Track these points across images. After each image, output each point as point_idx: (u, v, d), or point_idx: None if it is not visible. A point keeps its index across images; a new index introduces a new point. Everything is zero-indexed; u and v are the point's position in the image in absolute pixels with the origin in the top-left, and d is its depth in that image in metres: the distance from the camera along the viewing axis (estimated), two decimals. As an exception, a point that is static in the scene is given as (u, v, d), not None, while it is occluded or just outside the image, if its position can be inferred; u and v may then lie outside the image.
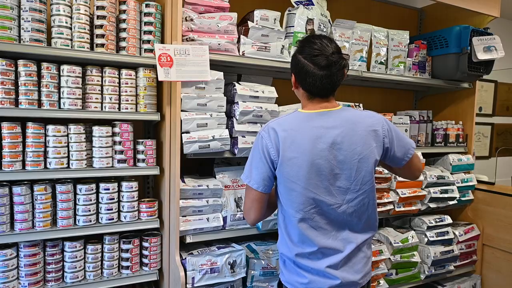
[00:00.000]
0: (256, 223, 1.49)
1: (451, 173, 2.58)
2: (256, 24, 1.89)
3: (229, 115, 1.90)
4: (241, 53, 1.87)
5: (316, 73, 1.32)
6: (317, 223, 1.34)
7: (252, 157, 1.40)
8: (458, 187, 2.57)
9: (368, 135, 1.34)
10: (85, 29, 1.68)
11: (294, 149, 1.31)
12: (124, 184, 1.80)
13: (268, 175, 1.37)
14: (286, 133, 1.32)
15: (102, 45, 1.71)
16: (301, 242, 1.35)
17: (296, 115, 1.39)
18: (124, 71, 1.77)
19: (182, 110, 1.73)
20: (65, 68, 1.65)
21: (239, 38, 1.88)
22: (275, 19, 1.96)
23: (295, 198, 1.33)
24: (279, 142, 1.32)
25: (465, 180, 2.63)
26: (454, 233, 2.54)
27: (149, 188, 2.12)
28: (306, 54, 1.34)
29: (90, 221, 1.73)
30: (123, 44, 1.76)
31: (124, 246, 1.83)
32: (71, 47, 1.67)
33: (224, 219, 1.86)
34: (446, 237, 2.48)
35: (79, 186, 1.72)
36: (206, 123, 1.78)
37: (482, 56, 2.43)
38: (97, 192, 1.77)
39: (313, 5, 2.02)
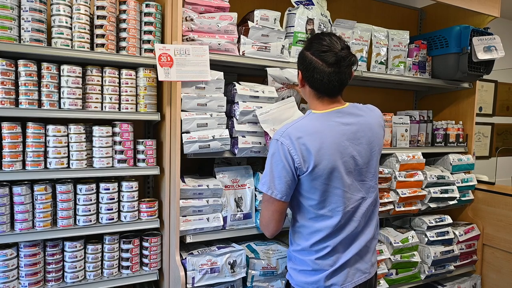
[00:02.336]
0: (275, 235, 1.46)
1: (451, 173, 2.58)
2: (256, 24, 1.89)
3: (229, 115, 1.90)
4: (241, 53, 1.87)
5: (324, 69, 1.30)
6: (347, 220, 1.36)
7: (272, 165, 1.33)
8: (458, 187, 2.57)
9: (378, 127, 1.42)
10: (85, 29, 1.68)
11: (324, 152, 1.28)
12: (124, 184, 1.80)
13: (293, 183, 1.33)
14: (311, 136, 1.29)
15: (102, 45, 1.71)
16: (324, 241, 1.36)
17: (313, 116, 1.36)
18: (124, 71, 1.77)
19: (182, 110, 1.73)
20: (65, 68, 1.65)
21: (239, 38, 1.88)
22: (275, 19, 1.96)
23: (329, 200, 1.33)
24: (306, 148, 1.28)
25: (465, 180, 2.63)
26: (454, 233, 2.54)
27: (149, 188, 2.12)
28: (314, 50, 1.32)
29: (90, 221, 1.73)
30: (123, 44, 1.77)
31: (124, 246, 1.83)
32: (71, 47, 1.67)
33: (224, 219, 1.86)
34: (446, 237, 2.48)
35: (79, 186, 1.72)
36: (206, 123, 1.78)
37: (482, 56, 2.43)
38: (97, 192, 1.77)
39: (313, 5, 2.02)
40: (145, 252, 1.86)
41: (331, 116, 1.35)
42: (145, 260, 1.87)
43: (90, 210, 1.73)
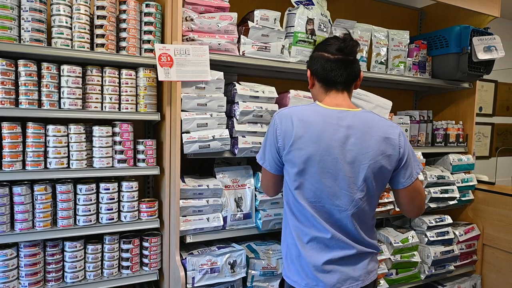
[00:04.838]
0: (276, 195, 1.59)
1: (451, 173, 2.58)
2: (256, 24, 1.89)
3: (229, 115, 1.90)
4: (241, 53, 1.87)
5: (329, 57, 1.35)
6: (317, 219, 1.30)
7: (266, 139, 1.41)
8: (458, 187, 2.57)
9: (383, 142, 1.28)
10: (85, 29, 1.68)
11: (304, 141, 1.27)
12: (124, 184, 1.80)
13: (279, 159, 1.38)
14: (300, 123, 1.29)
15: (102, 45, 1.71)
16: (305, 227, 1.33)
17: (314, 107, 1.35)
18: (124, 71, 1.77)
19: (182, 110, 1.73)
20: (65, 68, 1.65)
21: (239, 38, 1.88)
22: (275, 19, 1.96)
23: (299, 189, 1.31)
24: (290, 131, 1.29)
25: (465, 180, 2.63)
26: (454, 233, 2.54)
27: (149, 188, 2.12)
28: (319, 48, 1.41)
29: (90, 221, 1.73)
30: (123, 44, 1.76)
31: (124, 246, 1.83)
32: (71, 47, 1.67)
33: (224, 219, 1.86)
34: (446, 237, 2.48)
35: (79, 186, 1.72)
36: (206, 123, 1.78)
37: (482, 56, 2.43)
38: (97, 192, 1.77)
39: (313, 5, 2.02)
40: (145, 252, 1.86)
41: (331, 114, 1.31)
42: (145, 260, 1.87)
43: (90, 210, 1.73)
